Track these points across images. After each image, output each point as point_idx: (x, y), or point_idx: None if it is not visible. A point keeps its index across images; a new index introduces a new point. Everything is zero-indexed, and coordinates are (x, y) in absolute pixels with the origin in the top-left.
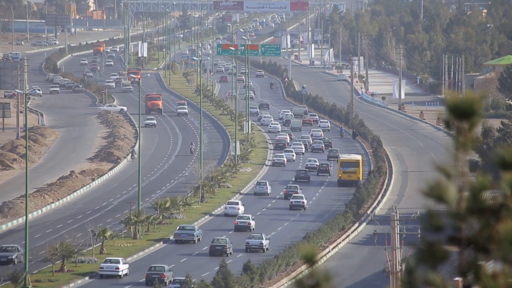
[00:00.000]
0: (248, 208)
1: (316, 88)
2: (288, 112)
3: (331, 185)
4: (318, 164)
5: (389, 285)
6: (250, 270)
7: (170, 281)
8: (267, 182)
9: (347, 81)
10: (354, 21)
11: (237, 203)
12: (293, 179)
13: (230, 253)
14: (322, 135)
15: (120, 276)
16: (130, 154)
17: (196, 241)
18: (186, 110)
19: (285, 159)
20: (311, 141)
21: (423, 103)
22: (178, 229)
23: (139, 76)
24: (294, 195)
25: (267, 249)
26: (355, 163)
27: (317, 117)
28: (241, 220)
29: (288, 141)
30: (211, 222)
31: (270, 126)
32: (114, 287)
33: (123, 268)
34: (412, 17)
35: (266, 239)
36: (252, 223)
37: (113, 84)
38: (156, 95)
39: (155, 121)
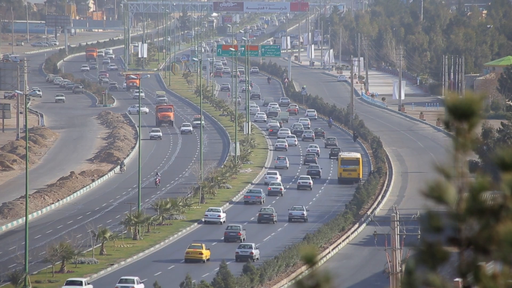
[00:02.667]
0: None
1: (316, 89)
2: (276, 104)
3: (331, 185)
4: (318, 150)
5: (389, 286)
6: (250, 271)
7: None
8: (286, 157)
9: (347, 82)
10: (354, 22)
11: (276, 173)
12: (302, 162)
13: (276, 221)
14: (310, 123)
15: (220, 222)
16: (119, 166)
17: (262, 202)
18: (191, 128)
19: (287, 144)
20: (303, 128)
21: (423, 104)
22: (247, 193)
23: (137, 81)
24: (301, 176)
25: (307, 219)
26: (355, 161)
27: (297, 107)
28: (274, 187)
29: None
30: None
31: (257, 116)
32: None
33: (223, 216)
34: (412, 18)
35: (306, 210)
36: (283, 188)
37: (143, 94)
38: (167, 106)
39: (160, 133)
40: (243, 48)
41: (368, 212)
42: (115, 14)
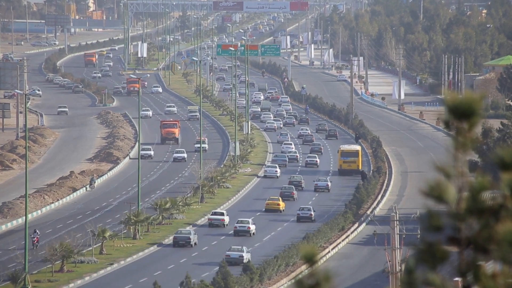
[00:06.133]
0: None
1: (316, 89)
2: (260, 94)
3: (331, 184)
4: (309, 132)
5: (389, 285)
6: (249, 270)
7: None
8: (288, 133)
9: (346, 82)
10: (354, 21)
11: (291, 143)
12: (302, 142)
13: (303, 187)
14: (291, 109)
15: (277, 176)
16: (89, 183)
17: (286, 166)
18: (185, 155)
19: (276, 126)
20: (285, 114)
21: (422, 103)
22: (274, 157)
23: (138, 85)
24: (309, 154)
25: (330, 189)
26: (355, 153)
27: (277, 92)
28: (290, 155)
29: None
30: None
31: (238, 102)
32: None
33: (279, 171)
34: (412, 17)
35: (330, 181)
36: (299, 156)
37: (175, 109)
38: (173, 121)
39: (152, 152)
40: (242, 48)
41: (368, 212)
42: (115, 13)
